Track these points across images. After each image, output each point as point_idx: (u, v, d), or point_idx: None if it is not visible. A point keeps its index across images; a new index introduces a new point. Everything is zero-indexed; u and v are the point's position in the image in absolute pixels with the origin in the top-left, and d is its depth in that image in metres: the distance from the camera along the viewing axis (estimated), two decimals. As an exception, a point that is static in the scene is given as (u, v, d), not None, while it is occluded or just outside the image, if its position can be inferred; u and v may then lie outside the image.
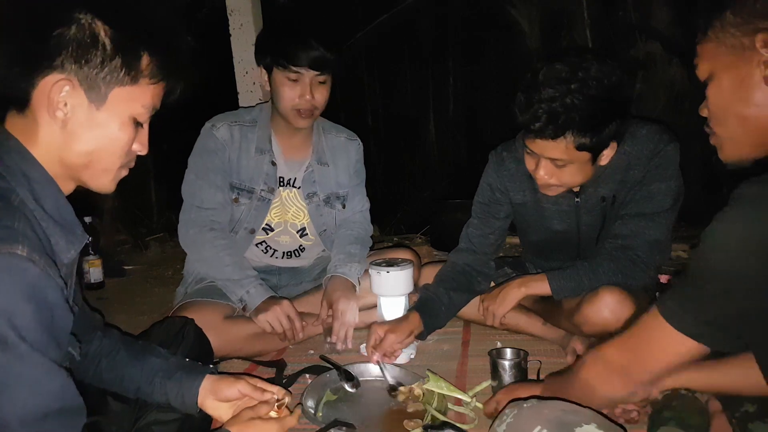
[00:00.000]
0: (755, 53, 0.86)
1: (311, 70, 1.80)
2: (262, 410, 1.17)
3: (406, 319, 1.74)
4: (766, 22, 0.84)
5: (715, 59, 0.93)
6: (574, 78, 1.41)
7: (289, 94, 1.84)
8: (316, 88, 1.84)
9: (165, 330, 1.48)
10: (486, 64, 5.01)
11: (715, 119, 0.98)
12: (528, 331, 1.91)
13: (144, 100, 1.00)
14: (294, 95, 1.83)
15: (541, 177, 1.55)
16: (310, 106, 1.85)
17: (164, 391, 1.20)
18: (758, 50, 0.86)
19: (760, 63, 0.86)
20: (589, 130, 1.43)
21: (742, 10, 0.87)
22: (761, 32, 0.85)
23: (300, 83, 1.82)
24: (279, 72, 1.83)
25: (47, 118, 0.94)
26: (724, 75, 0.92)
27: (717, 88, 0.94)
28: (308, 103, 1.84)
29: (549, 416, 1.07)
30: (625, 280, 1.60)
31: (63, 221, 0.97)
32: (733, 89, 0.91)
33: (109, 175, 1.03)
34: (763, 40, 0.85)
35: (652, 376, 1.06)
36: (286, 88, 1.83)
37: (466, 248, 1.89)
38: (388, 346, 1.68)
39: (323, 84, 1.86)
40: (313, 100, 1.84)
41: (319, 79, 1.83)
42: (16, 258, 0.81)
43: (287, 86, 1.83)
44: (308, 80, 1.82)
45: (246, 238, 2.03)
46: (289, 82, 1.82)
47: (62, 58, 0.91)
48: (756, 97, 0.89)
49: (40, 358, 0.83)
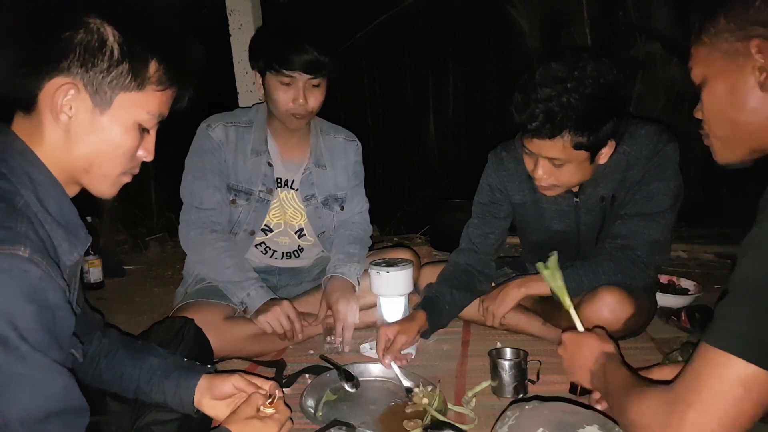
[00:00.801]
0: (749, 59, 0.86)
1: (304, 74, 1.79)
2: (258, 401, 1.16)
3: (414, 319, 1.73)
4: (759, 29, 0.85)
5: (709, 64, 0.93)
6: (571, 77, 1.42)
7: (283, 98, 1.82)
8: (309, 92, 1.82)
9: (165, 330, 1.48)
10: (486, 64, 5.02)
11: (709, 122, 0.97)
12: (528, 331, 1.91)
13: (150, 106, 1.00)
14: (287, 99, 1.82)
15: (540, 177, 1.55)
16: (304, 111, 1.84)
17: (162, 390, 1.20)
18: (753, 56, 0.86)
19: (755, 69, 0.86)
20: (586, 128, 1.43)
21: (735, 16, 0.87)
22: (756, 38, 0.85)
23: (293, 87, 1.80)
24: (272, 76, 1.81)
25: (51, 121, 0.94)
26: (718, 80, 0.92)
27: (711, 92, 0.94)
28: (302, 108, 1.83)
29: (550, 417, 1.07)
30: (624, 280, 1.60)
31: (66, 223, 0.97)
32: (726, 94, 0.91)
33: (109, 180, 1.02)
34: (758, 45, 0.85)
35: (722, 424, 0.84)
36: (280, 92, 1.82)
37: (467, 248, 1.89)
38: (400, 347, 1.66)
39: (317, 87, 1.84)
40: (306, 104, 1.83)
41: (312, 82, 1.81)
42: (18, 259, 0.81)
43: (281, 90, 1.81)
44: (301, 84, 1.80)
45: (246, 239, 2.03)
46: (283, 86, 1.80)
47: (69, 61, 0.91)
48: (750, 103, 0.89)
49: (41, 359, 0.83)
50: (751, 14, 0.85)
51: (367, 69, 5.50)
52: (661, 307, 2.04)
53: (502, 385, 1.54)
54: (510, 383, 1.54)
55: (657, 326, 1.99)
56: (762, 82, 0.86)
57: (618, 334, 1.66)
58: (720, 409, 0.82)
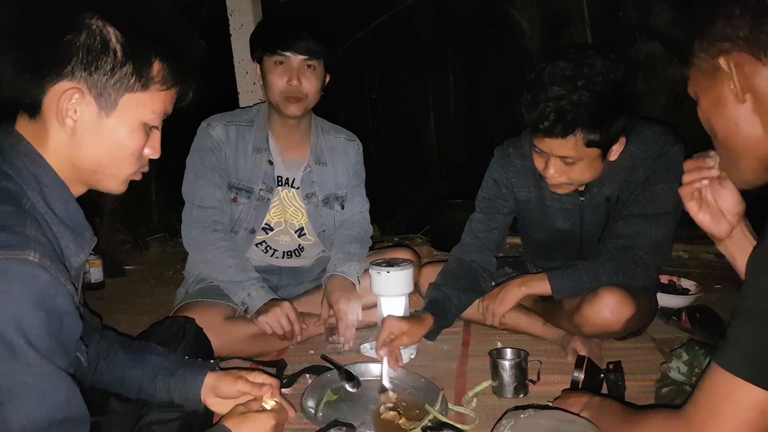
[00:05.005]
0: (724, 74, 0.89)
1: (298, 54, 1.82)
2: (253, 406, 1.18)
3: (422, 322, 1.70)
4: (726, 44, 0.88)
5: (697, 84, 0.97)
6: (580, 74, 1.40)
7: (277, 81, 1.85)
8: (303, 74, 1.85)
9: (165, 330, 1.48)
10: (486, 64, 5.01)
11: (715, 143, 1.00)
12: (528, 331, 1.91)
13: (155, 106, 0.99)
14: (282, 81, 1.84)
15: (551, 176, 1.54)
16: (298, 93, 1.86)
17: (167, 388, 1.20)
18: (725, 70, 0.89)
19: (729, 82, 0.89)
20: (598, 125, 1.42)
21: (706, 36, 0.91)
22: (723, 53, 0.89)
23: (287, 68, 1.84)
24: (268, 59, 1.85)
25: (57, 125, 0.93)
26: (704, 98, 0.96)
27: (701, 110, 0.98)
28: (296, 89, 1.85)
29: (546, 426, 1.07)
30: (626, 281, 1.60)
31: (73, 224, 0.97)
32: (712, 109, 0.95)
33: (119, 179, 1.02)
34: (726, 60, 0.89)
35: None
36: (275, 75, 1.85)
37: (471, 243, 1.88)
38: (399, 346, 1.64)
39: (312, 71, 1.86)
40: (300, 85, 1.85)
41: (307, 63, 1.84)
42: (28, 264, 0.80)
43: (275, 73, 1.85)
44: (296, 65, 1.83)
45: (246, 238, 2.03)
46: (277, 67, 1.84)
47: (72, 65, 0.90)
48: (733, 115, 0.91)
49: (47, 366, 0.83)
50: (717, 31, 0.89)
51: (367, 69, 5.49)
52: (662, 307, 2.04)
53: (502, 385, 1.54)
54: (510, 383, 1.54)
55: (657, 326, 1.99)
56: (736, 94, 0.89)
57: (619, 335, 1.67)
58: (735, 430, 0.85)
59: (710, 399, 0.88)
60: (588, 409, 1.19)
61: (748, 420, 0.84)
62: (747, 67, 0.87)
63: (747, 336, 0.85)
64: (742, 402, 0.84)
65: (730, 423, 0.85)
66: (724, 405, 0.85)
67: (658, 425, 0.97)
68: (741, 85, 0.88)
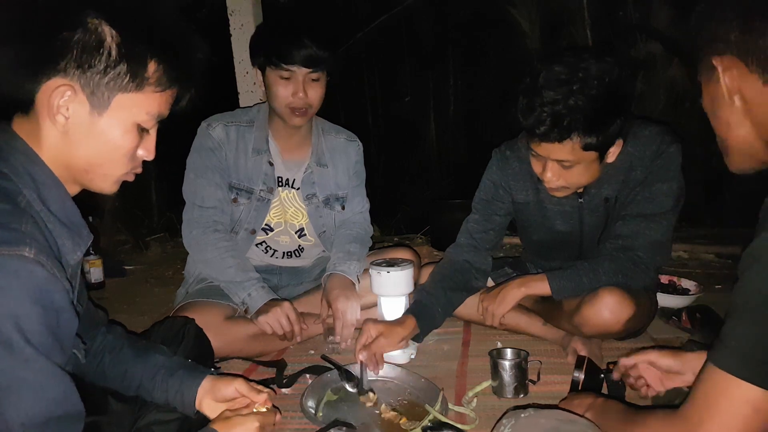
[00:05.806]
0: (717, 73, 0.92)
1: (303, 67, 1.80)
2: (242, 411, 1.18)
3: (402, 324, 1.70)
4: (720, 44, 0.91)
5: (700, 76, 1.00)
6: (575, 78, 1.40)
7: (283, 93, 1.84)
8: (309, 86, 1.84)
9: (165, 330, 1.48)
10: (486, 64, 5.01)
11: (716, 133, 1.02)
12: (528, 332, 1.91)
13: (149, 107, 0.98)
14: (287, 93, 1.83)
15: (549, 179, 1.54)
16: (303, 104, 1.85)
17: (165, 387, 1.20)
18: (717, 70, 0.91)
19: (721, 80, 0.92)
20: (594, 129, 1.42)
21: (703, 35, 0.94)
22: (716, 54, 0.92)
23: (293, 81, 1.82)
24: (272, 71, 1.83)
25: (49, 123, 0.93)
26: (704, 91, 1.00)
27: (702, 101, 1.01)
28: (302, 101, 1.84)
29: (546, 426, 1.07)
30: (625, 281, 1.60)
31: (69, 222, 0.97)
32: (709, 104, 0.98)
33: (110, 179, 1.02)
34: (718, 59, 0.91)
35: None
36: (280, 87, 1.83)
37: (467, 243, 1.88)
38: (378, 349, 1.63)
39: (317, 82, 1.86)
40: (306, 98, 1.84)
41: (312, 76, 1.83)
42: (24, 260, 0.80)
43: (280, 85, 1.83)
44: (301, 78, 1.82)
45: (247, 238, 2.03)
46: (282, 80, 1.82)
47: (66, 62, 0.90)
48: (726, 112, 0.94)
49: (44, 363, 0.83)
50: (712, 31, 0.92)
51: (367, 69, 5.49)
52: (662, 308, 2.04)
53: (502, 385, 1.54)
54: (510, 383, 1.54)
55: (658, 326, 1.99)
56: (726, 95, 0.91)
57: (619, 335, 1.67)
58: (732, 428, 0.86)
59: (706, 397, 0.89)
60: (591, 410, 1.19)
61: (744, 416, 0.85)
62: (735, 70, 0.89)
63: (739, 333, 0.87)
64: (736, 399, 0.85)
65: (726, 420, 0.86)
66: (719, 403, 0.87)
67: (657, 425, 0.98)
68: (729, 87, 0.90)
